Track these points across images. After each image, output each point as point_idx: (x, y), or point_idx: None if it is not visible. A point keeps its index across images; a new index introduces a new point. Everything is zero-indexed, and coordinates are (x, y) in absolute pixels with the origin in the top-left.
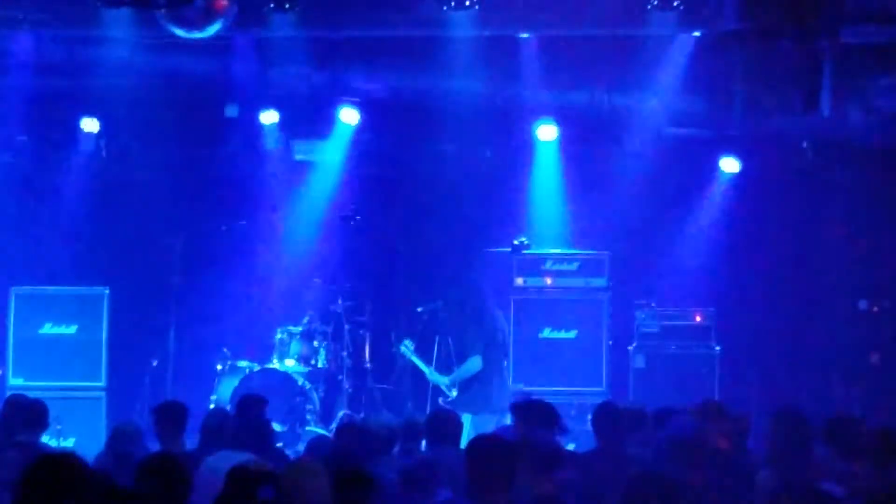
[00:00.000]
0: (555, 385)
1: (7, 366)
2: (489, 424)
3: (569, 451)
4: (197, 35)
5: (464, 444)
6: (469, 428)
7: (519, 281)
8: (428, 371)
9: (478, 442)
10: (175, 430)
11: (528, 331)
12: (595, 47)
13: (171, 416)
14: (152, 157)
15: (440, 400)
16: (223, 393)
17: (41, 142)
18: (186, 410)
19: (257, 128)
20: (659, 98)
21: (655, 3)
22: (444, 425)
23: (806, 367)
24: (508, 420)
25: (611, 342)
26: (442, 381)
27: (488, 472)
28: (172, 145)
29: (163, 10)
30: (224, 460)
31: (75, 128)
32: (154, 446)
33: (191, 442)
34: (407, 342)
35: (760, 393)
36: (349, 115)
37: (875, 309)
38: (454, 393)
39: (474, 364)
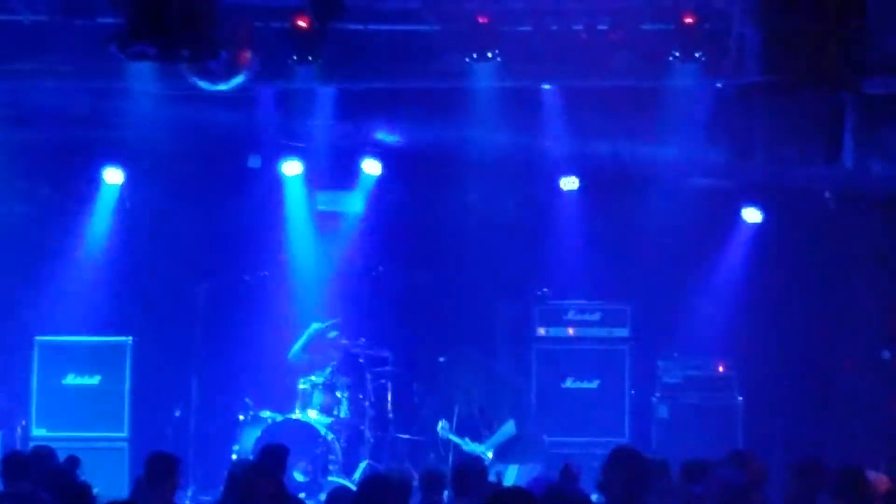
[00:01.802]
0: (577, 435)
1: (30, 416)
2: (534, 472)
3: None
4: (221, 87)
5: None
6: (515, 477)
7: (541, 331)
8: (463, 443)
9: (501, 495)
10: (166, 482)
11: (551, 381)
12: (617, 98)
13: (162, 467)
14: (175, 208)
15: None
16: (246, 443)
17: (65, 193)
18: (179, 462)
19: (280, 179)
20: (681, 149)
21: (677, 54)
22: (467, 476)
23: (829, 418)
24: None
25: (633, 392)
26: (479, 449)
27: None
28: (195, 196)
29: (187, 63)
30: None
31: (99, 179)
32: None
33: (214, 493)
34: (443, 423)
35: (784, 443)
36: (372, 166)
37: None
38: (490, 455)
39: (509, 429)
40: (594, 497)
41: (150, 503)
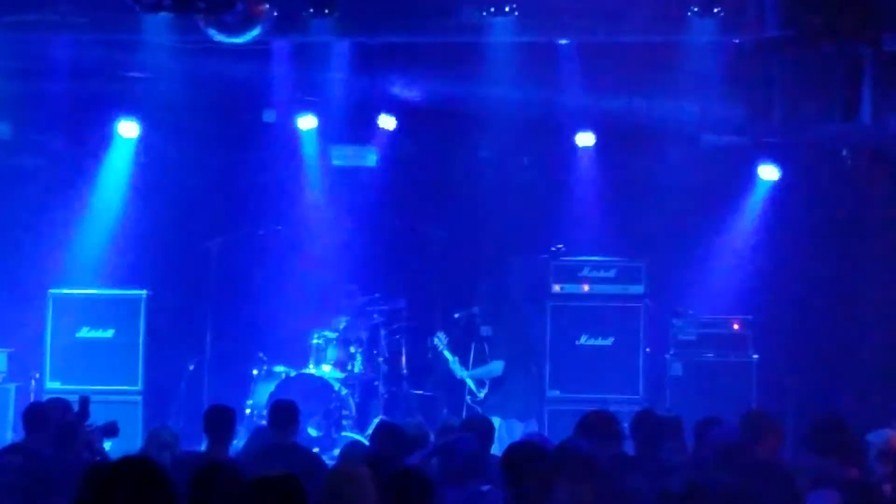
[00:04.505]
0: (591, 392)
1: (44, 370)
2: (517, 430)
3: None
4: (236, 40)
5: (495, 448)
6: (498, 432)
7: (556, 287)
8: (452, 360)
9: (515, 449)
10: (225, 434)
11: (565, 338)
12: (634, 54)
13: (221, 420)
14: (190, 162)
15: (468, 399)
16: (259, 398)
17: (79, 146)
18: (235, 415)
19: (295, 133)
20: (698, 105)
21: (695, 9)
22: (476, 431)
23: (844, 376)
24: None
25: (648, 350)
26: (463, 374)
27: (526, 479)
28: (210, 150)
29: (202, 15)
30: None
31: (113, 132)
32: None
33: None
34: (440, 335)
35: (798, 402)
36: (387, 121)
37: None
38: (482, 394)
39: (495, 367)
40: None
41: (212, 455)
